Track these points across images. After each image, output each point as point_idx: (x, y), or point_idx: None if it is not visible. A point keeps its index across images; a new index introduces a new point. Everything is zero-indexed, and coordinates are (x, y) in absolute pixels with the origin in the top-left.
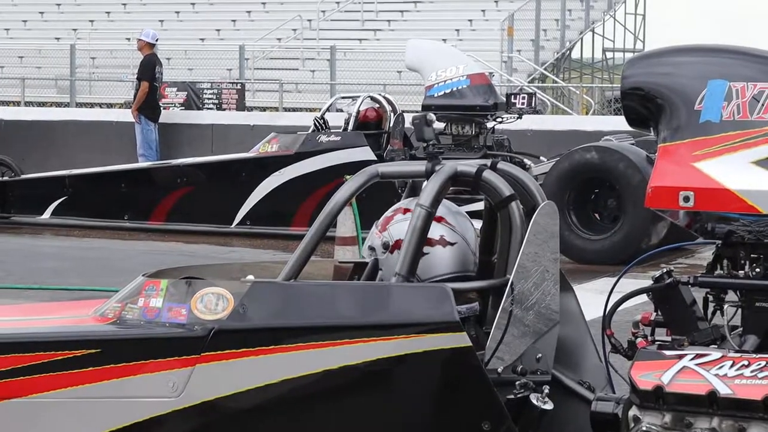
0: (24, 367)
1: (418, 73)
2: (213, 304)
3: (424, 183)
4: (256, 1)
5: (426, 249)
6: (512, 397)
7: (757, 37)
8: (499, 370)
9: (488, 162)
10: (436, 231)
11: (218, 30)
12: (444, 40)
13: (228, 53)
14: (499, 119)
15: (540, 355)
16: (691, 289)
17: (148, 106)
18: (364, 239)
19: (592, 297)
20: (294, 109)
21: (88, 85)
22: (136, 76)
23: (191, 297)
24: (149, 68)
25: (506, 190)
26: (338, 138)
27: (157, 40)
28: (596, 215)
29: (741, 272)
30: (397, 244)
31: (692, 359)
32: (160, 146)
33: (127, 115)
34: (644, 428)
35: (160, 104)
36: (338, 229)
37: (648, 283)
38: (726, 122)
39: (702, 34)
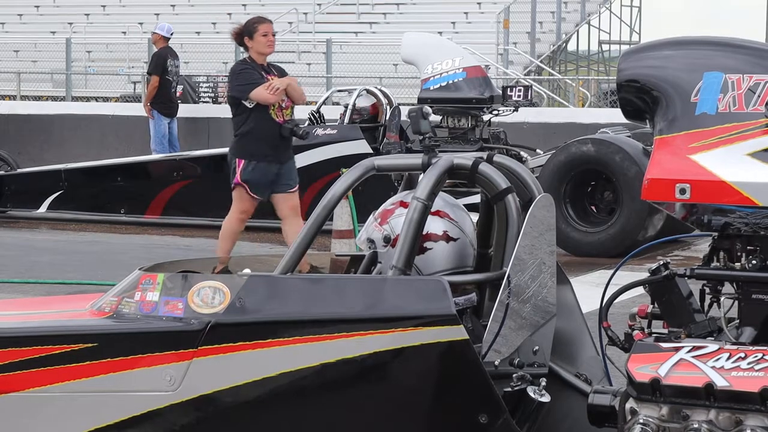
0: (21, 362)
1: (414, 66)
2: (210, 298)
3: (421, 176)
4: None
5: (429, 244)
6: (509, 389)
7: (753, 28)
8: (496, 362)
9: (484, 155)
10: (439, 226)
11: (214, 23)
12: (440, 32)
13: (224, 47)
14: (495, 112)
15: (537, 347)
16: (688, 281)
17: (161, 100)
18: None
19: (588, 289)
20: None
21: (84, 79)
22: (147, 71)
23: (188, 291)
24: (159, 62)
25: (502, 182)
26: (334, 131)
27: (172, 34)
28: (592, 208)
29: (737, 264)
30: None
31: (689, 351)
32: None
33: (123, 109)
34: (641, 421)
35: (178, 98)
36: (335, 223)
37: (645, 275)
38: (722, 114)
39: (698, 26)
